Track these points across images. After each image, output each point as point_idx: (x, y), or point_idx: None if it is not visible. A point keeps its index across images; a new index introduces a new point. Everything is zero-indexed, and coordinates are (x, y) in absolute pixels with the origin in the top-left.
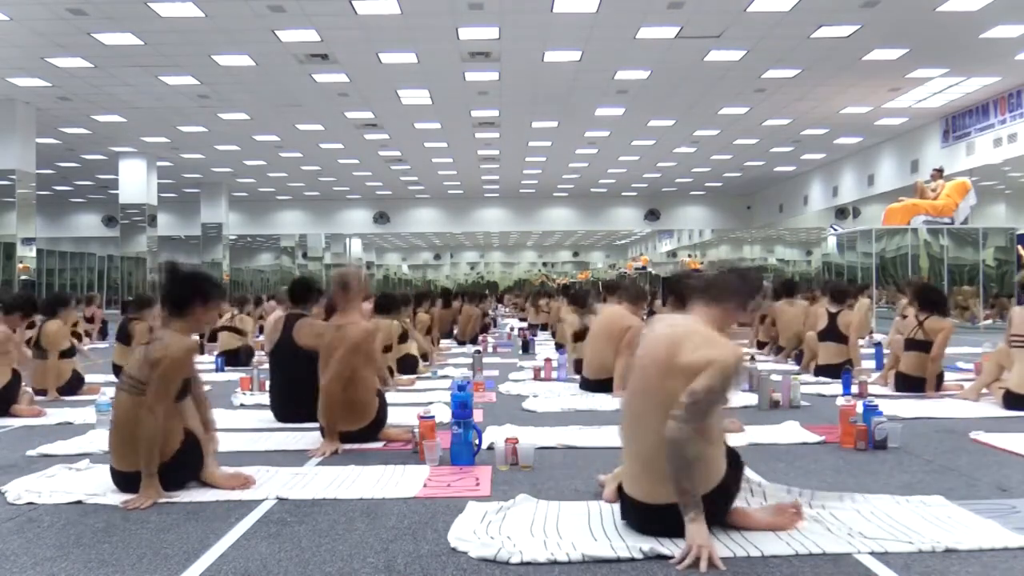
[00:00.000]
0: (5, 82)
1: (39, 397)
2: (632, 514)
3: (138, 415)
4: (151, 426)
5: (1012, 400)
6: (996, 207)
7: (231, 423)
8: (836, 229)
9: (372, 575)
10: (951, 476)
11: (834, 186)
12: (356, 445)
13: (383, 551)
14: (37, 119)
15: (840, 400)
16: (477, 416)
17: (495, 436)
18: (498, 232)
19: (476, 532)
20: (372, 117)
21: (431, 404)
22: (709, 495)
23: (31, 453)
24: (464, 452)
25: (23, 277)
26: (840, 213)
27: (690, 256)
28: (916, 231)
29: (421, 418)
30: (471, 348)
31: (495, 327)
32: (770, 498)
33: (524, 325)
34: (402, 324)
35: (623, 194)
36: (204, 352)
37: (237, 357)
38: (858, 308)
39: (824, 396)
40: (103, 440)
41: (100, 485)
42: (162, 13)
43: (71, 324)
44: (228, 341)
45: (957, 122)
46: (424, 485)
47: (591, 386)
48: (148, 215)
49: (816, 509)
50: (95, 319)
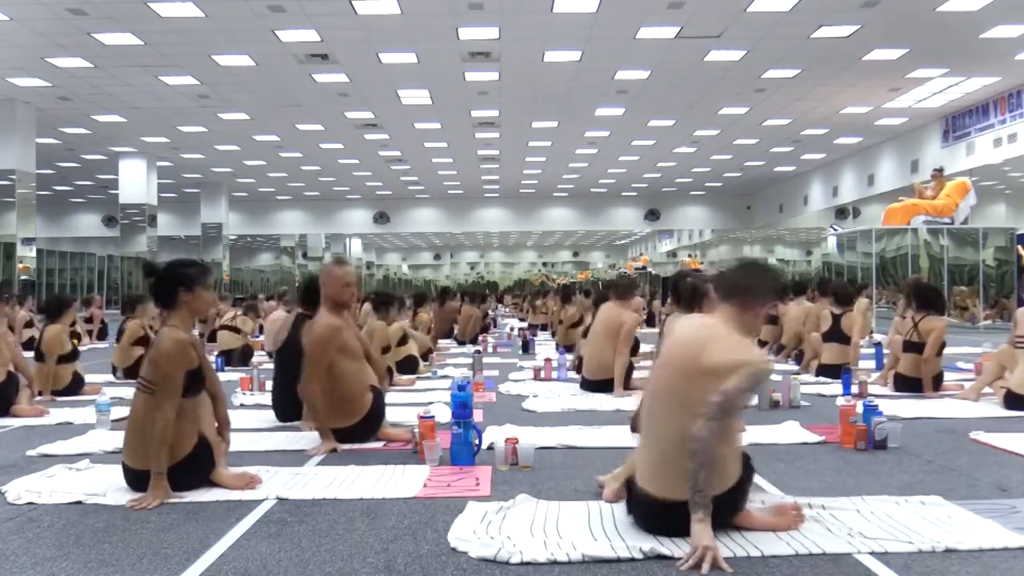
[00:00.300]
0: (5, 82)
1: (37, 398)
2: (640, 508)
3: (151, 414)
4: (160, 424)
5: (1013, 400)
6: (996, 207)
7: (231, 423)
8: (836, 229)
9: (372, 575)
10: (951, 476)
11: (834, 186)
12: (356, 445)
13: (383, 551)
14: (37, 119)
15: (840, 400)
16: (477, 416)
17: (495, 436)
18: (498, 232)
19: (476, 532)
20: (372, 117)
21: (431, 404)
22: (723, 496)
23: (31, 453)
24: (464, 452)
25: (23, 277)
26: (840, 213)
27: (690, 256)
28: (916, 231)
29: (421, 418)
30: (471, 348)
31: (495, 327)
32: (769, 500)
33: (524, 325)
34: (402, 326)
35: (623, 194)
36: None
37: (235, 357)
38: (857, 308)
39: (824, 396)
40: (103, 440)
41: (100, 485)
42: (162, 13)
43: (70, 324)
44: (228, 341)
45: (957, 122)
46: (424, 485)
47: (591, 386)
48: (148, 215)
49: (816, 509)
50: (94, 319)
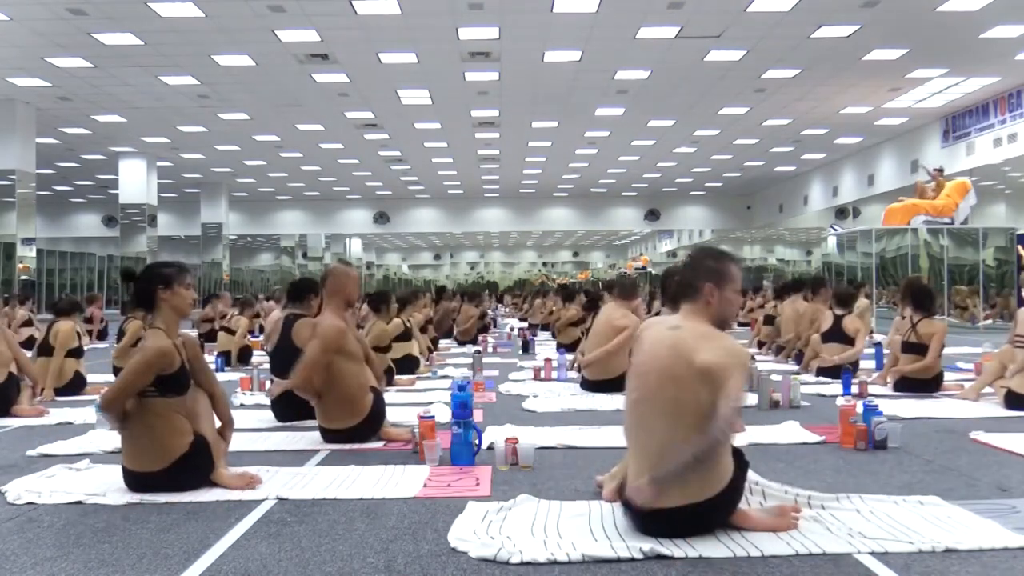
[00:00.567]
0: (5, 82)
1: (37, 397)
2: (635, 517)
3: (146, 418)
4: (110, 395)
5: (1014, 400)
6: (996, 207)
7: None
8: (836, 229)
9: (372, 575)
10: (951, 476)
11: (834, 186)
12: (356, 445)
13: (383, 551)
14: (37, 119)
15: (840, 400)
16: (477, 416)
17: (495, 436)
18: (498, 232)
19: (476, 532)
20: (372, 117)
21: (431, 404)
22: (720, 495)
23: (31, 453)
24: (464, 452)
25: (23, 277)
26: (840, 213)
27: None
28: (916, 231)
29: (421, 418)
30: (471, 348)
31: (495, 327)
32: (768, 497)
33: (524, 325)
34: (404, 323)
35: (623, 194)
36: (203, 351)
37: (234, 357)
38: (857, 308)
39: (824, 396)
40: (103, 440)
41: (100, 485)
42: (162, 13)
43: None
44: (224, 342)
45: (957, 122)
46: (424, 485)
47: (591, 386)
48: (148, 215)
49: (816, 509)
50: (93, 319)
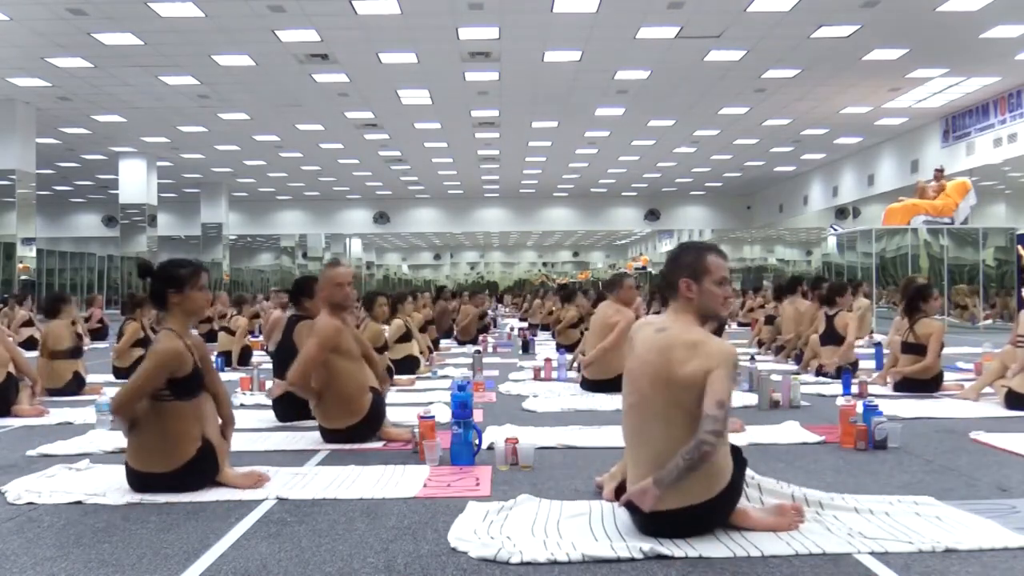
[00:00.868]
0: (5, 82)
1: (37, 397)
2: (636, 518)
3: (158, 421)
4: (122, 397)
5: (1014, 400)
6: (996, 207)
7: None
8: (836, 229)
9: (372, 575)
10: (951, 476)
11: (834, 186)
12: (356, 445)
13: (383, 551)
14: (37, 119)
15: (840, 400)
16: (477, 416)
17: (495, 436)
18: (498, 232)
19: (477, 532)
20: (372, 117)
21: (431, 404)
22: (719, 496)
23: (31, 453)
24: (464, 452)
25: (23, 277)
26: (840, 213)
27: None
28: (916, 231)
29: (421, 418)
30: (471, 348)
31: (495, 327)
32: (766, 494)
33: (524, 325)
34: (405, 323)
35: (623, 194)
36: None
37: (233, 356)
38: (857, 308)
39: (824, 396)
40: (103, 440)
41: (100, 485)
42: (162, 13)
43: (71, 322)
44: (224, 342)
45: (957, 122)
46: (424, 485)
47: (591, 386)
48: (148, 215)
49: (815, 508)
50: (92, 320)
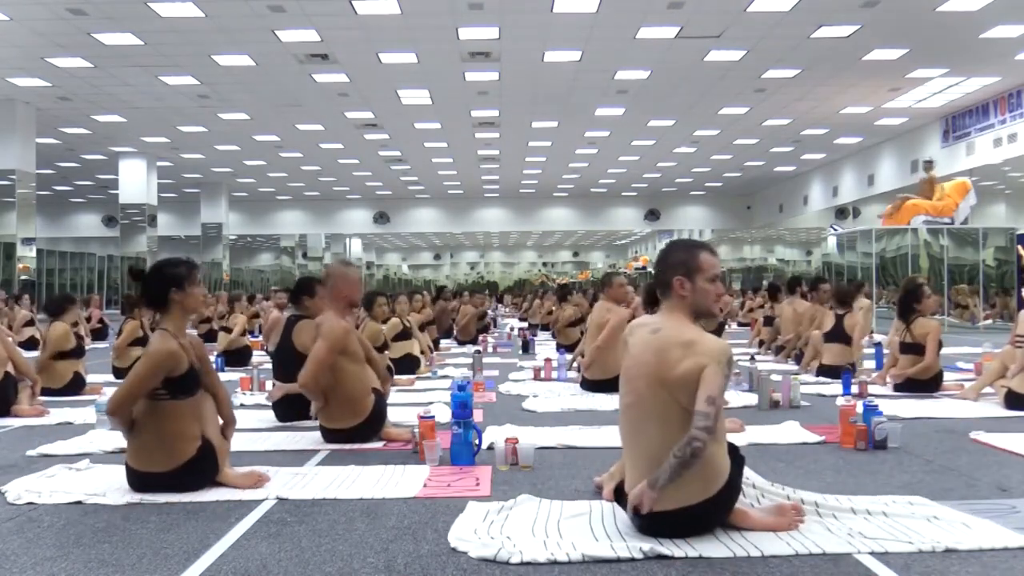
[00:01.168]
0: (5, 82)
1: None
2: (635, 518)
3: (156, 420)
4: (116, 399)
5: (1014, 400)
6: (996, 207)
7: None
8: (836, 229)
9: (372, 575)
10: (951, 476)
11: (834, 186)
12: (356, 445)
13: (383, 551)
14: (37, 119)
15: (840, 400)
16: (477, 416)
17: (495, 436)
18: (498, 232)
19: (477, 532)
20: (372, 117)
21: (431, 404)
22: (718, 494)
23: (31, 453)
24: (464, 452)
25: (23, 277)
26: (840, 213)
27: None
28: (916, 231)
29: (421, 418)
30: (471, 348)
31: (495, 327)
32: (764, 495)
33: (524, 325)
34: (404, 323)
35: (623, 194)
36: None
37: (231, 356)
38: (858, 308)
39: (824, 396)
40: (103, 440)
41: (100, 485)
42: (162, 13)
43: (73, 324)
44: (222, 341)
45: (957, 122)
46: (424, 485)
47: (591, 386)
48: (148, 215)
49: (813, 507)
50: (91, 320)
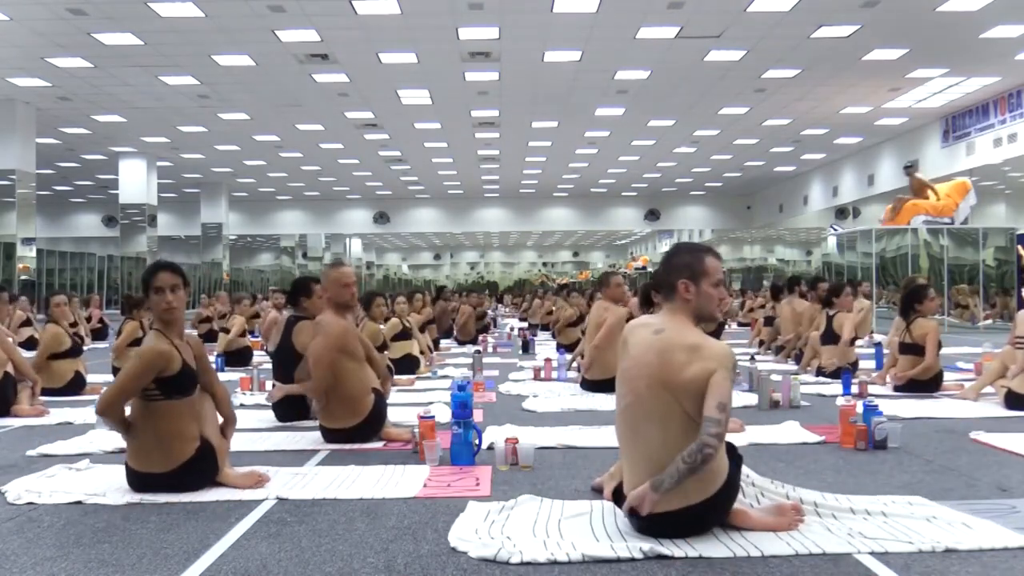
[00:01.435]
0: (5, 82)
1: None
2: (635, 519)
3: (152, 421)
4: (107, 397)
5: (1014, 400)
6: (996, 207)
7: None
8: (836, 229)
9: (372, 575)
10: (951, 476)
11: (834, 186)
12: (356, 445)
13: (383, 551)
14: (37, 119)
15: (840, 400)
16: (477, 416)
17: (495, 436)
18: (498, 232)
19: (477, 532)
20: (372, 117)
21: (431, 404)
22: (717, 494)
23: (31, 453)
24: (464, 452)
25: (23, 277)
26: (840, 213)
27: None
28: (916, 231)
29: (421, 418)
30: (471, 348)
31: (495, 327)
32: (764, 493)
33: (524, 325)
34: (403, 323)
35: (623, 194)
36: None
37: (231, 357)
38: (859, 309)
39: (824, 396)
40: (103, 440)
41: (100, 485)
42: (162, 13)
43: (70, 324)
44: (222, 341)
45: (957, 122)
46: (424, 485)
47: (591, 386)
48: (148, 215)
49: (813, 507)
50: (91, 320)
